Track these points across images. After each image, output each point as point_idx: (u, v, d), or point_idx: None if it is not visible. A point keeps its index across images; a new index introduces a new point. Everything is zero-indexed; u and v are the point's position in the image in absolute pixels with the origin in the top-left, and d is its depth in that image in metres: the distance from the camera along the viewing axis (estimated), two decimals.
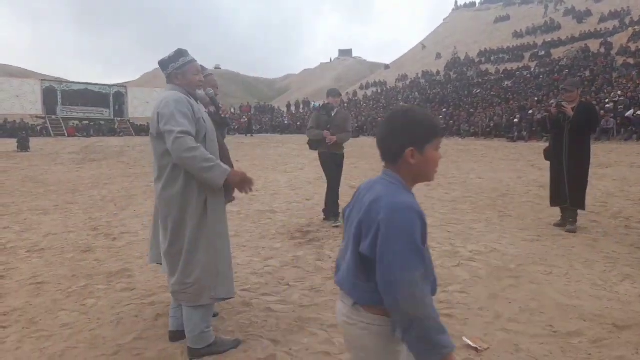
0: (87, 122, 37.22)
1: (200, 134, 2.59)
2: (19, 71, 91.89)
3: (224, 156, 2.90)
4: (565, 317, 3.07)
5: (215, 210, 2.66)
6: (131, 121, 38.75)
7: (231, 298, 2.84)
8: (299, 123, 39.21)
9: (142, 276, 4.10)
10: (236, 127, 36.69)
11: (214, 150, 2.69)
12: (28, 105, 35.25)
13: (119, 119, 38.78)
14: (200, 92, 2.90)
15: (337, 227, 5.76)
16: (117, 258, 4.66)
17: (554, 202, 5.62)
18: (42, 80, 38.75)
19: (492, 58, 43.36)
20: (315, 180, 10.17)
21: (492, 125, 25.27)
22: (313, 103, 43.41)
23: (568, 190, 5.34)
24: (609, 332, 2.84)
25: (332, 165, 6.06)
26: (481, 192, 8.23)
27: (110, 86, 40.69)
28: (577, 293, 3.48)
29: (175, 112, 2.48)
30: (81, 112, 37.83)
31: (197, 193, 2.60)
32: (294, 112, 47.70)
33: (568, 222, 5.44)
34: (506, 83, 34.09)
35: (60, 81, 40.93)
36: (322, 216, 6.24)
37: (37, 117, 35.67)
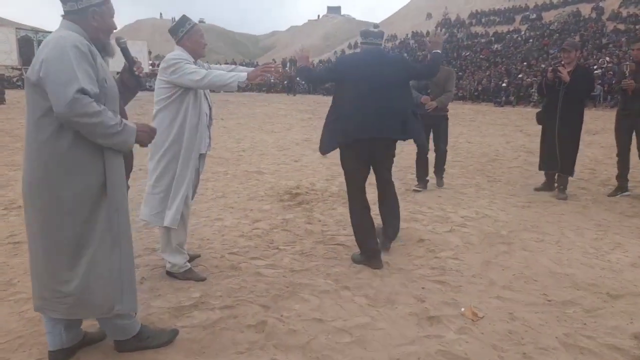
0: None
1: (99, 101, 1.95)
2: None
3: None
4: (559, 286, 3.05)
5: (115, 191, 2.06)
6: None
7: (134, 313, 2.27)
8: (285, 82, 38.32)
9: None
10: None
11: None
12: (2, 55, 33.66)
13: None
14: (113, 45, 2.25)
15: (417, 191, 5.65)
16: None
17: (543, 166, 5.63)
18: (16, 28, 36.84)
19: (483, 20, 42.65)
20: (303, 142, 9.99)
21: (479, 89, 25.09)
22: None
23: (559, 157, 5.31)
24: (603, 302, 2.83)
25: (426, 129, 5.14)
26: (470, 156, 8.18)
27: None
28: (569, 261, 3.47)
29: (73, 62, 1.89)
30: None
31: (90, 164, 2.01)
32: (280, 70, 46.53)
33: (559, 189, 5.44)
34: (496, 46, 33.70)
35: (36, 30, 38.93)
36: (311, 178, 6.15)
37: (13, 68, 34.15)
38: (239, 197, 5.29)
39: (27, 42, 34.95)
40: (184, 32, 3.08)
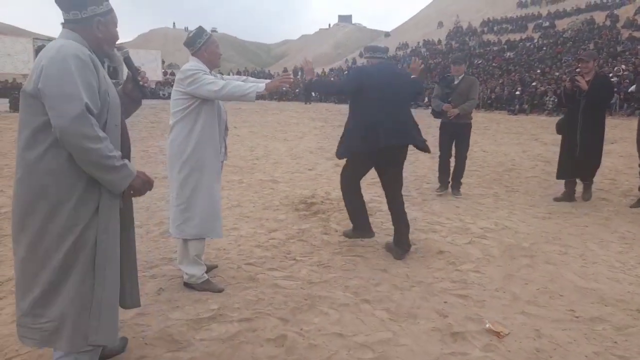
0: None
1: (102, 116, 1.87)
2: (10, 29, 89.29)
3: (125, 146, 2.09)
4: (586, 301, 2.96)
5: (107, 216, 1.92)
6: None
7: (112, 345, 2.14)
8: (297, 90, 38.49)
9: (142, 246, 3.94)
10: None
11: (116, 139, 1.96)
12: (20, 64, 34.24)
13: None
14: (117, 54, 2.18)
15: (439, 195, 5.91)
16: None
17: (561, 175, 5.64)
18: (34, 39, 37.56)
19: (495, 28, 42.48)
20: (317, 150, 9.96)
21: (493, 97, 24.91)
22: None
23: (580, 164, 5.37)
24: (633, 319, 2.73)
25: (447, 136, 5.91)
26: (486, 165, 8.07)
27: None
28: (594, 275, 3.37)
29: (75, 73, 1.77)
30: None
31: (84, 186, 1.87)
32: (292, 80, 46.77)
33: (584, 189, 5.61)
34: (508, 54, 33.51)
35: (52, 40, 39.69)
36: (326, 187, 6.12)
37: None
38: (254, 207, 5.26)
39: None
40: (202, 44, 3.09)
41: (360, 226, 4.12)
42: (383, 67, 3.87)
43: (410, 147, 3.82)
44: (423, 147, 3.83)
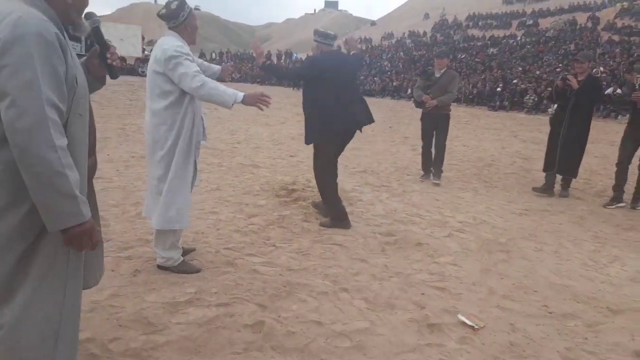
0: None
1: (65, 106, 1.50)
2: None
3: (90, 136, 1.74)
4: (559, 298, 3.03)
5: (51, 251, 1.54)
6: None
7: None
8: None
9: (118, 226, 3.85)
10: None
11: (80, 129, 1.60)
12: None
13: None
14: (85, 23, 1.75)
15: (437, 184, 6.09)
16: None
17: (546, 167, 5.91)
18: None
19: (480, 23, 42.72)
20: (299, 136, 9.87)
21: (474, 92, 25.14)
22: (295, 55, 42.13)
23: (560, 157, 5.65)
24: (603, 316, 2.81)
25: (429, 126, 6.27)
26: (466, 160, 8.16)
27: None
28: (568, 273, 3.45)
29: (35, 56, 1.39)
30: None
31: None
32: (275, 62, 46.30)
33: (562, 187, 5.85)
34: (491, 50, 33.79)
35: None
36: (307, 174, 6.09)
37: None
38: (234, 191, 5.19)
39: None
40: (185, 17, 2.91)
41: (340, 215, 4.16)
42: (334, 53, 4.24)
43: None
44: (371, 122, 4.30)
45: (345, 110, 4.01)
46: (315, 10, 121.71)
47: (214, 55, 44.06)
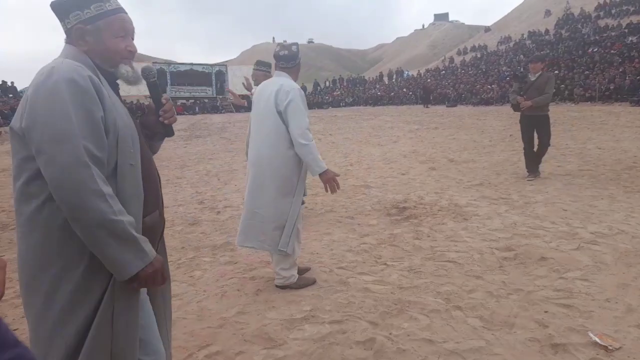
0: (192, 100, 39.88)
1: (110, 157, 1.40)
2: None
3: (151, 188, 1.58)
4: None
5: (124, 297, 1.42)
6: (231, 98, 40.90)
7: None
8: (392, 94, 38.26)
9: (244, 250, 4.23)
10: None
11: (134, 183, 1.46)
12: (142, 87, 38.21)
13: (221, 96, 41.03)
14: (125, 69, 1.58)
15: (530, 181, 6.37)
16: (221, 231, 4.87)
17: None
18: (153, 62, 42.03)
19: (613, 11, 38.20)
20: (411, 154, 9.82)
21: (612, 88, 22.43)
22: (406, 72, 41.97)
23: None
24: None
25: (528, 127, 6.55)
26: (602, 164, 7.33)
27: (212, 65, 43.21)
28: None
29: (69, 104, 1.31)
30: (187, 91, 40.59)
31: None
32: (386, 82, 46.63)
33: None
34: (630, 39, 29.92)
35: (169, 63, 44.21)
36: (419, 192, 6.05)
37: (147, 96, 38.74)
38: (347, 212, 5.36)
39: (162, 73, 39.68)
40: (299, 61, 3.19)
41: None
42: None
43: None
44: None
45: None
46: (423, 25, 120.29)
47: (327, 83, 46.06)
